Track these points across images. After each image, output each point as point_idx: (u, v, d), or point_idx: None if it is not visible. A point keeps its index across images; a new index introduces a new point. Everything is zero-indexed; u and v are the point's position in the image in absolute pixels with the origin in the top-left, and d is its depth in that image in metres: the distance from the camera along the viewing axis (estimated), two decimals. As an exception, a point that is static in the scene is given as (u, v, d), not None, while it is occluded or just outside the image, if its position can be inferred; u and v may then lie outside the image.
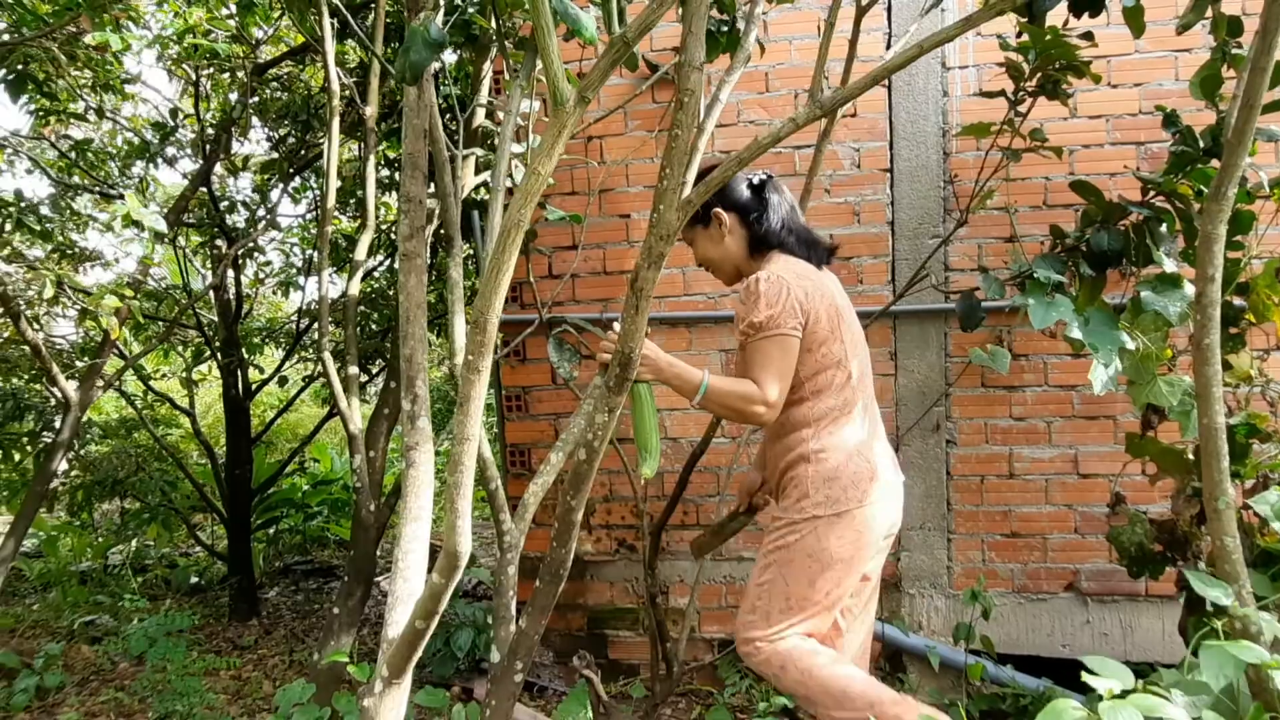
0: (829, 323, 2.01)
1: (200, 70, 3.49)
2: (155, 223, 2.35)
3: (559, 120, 1.08)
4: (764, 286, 1.94)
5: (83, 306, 3.40)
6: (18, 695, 3.18)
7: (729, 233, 2.12)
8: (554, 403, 3.50)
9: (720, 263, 2.18)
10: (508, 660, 1.45)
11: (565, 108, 1.07)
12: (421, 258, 1.25)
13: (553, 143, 1.04)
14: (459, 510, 1.04)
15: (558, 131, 1.06)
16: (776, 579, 2.01)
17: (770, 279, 1.96)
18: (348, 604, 2.71)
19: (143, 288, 2.85)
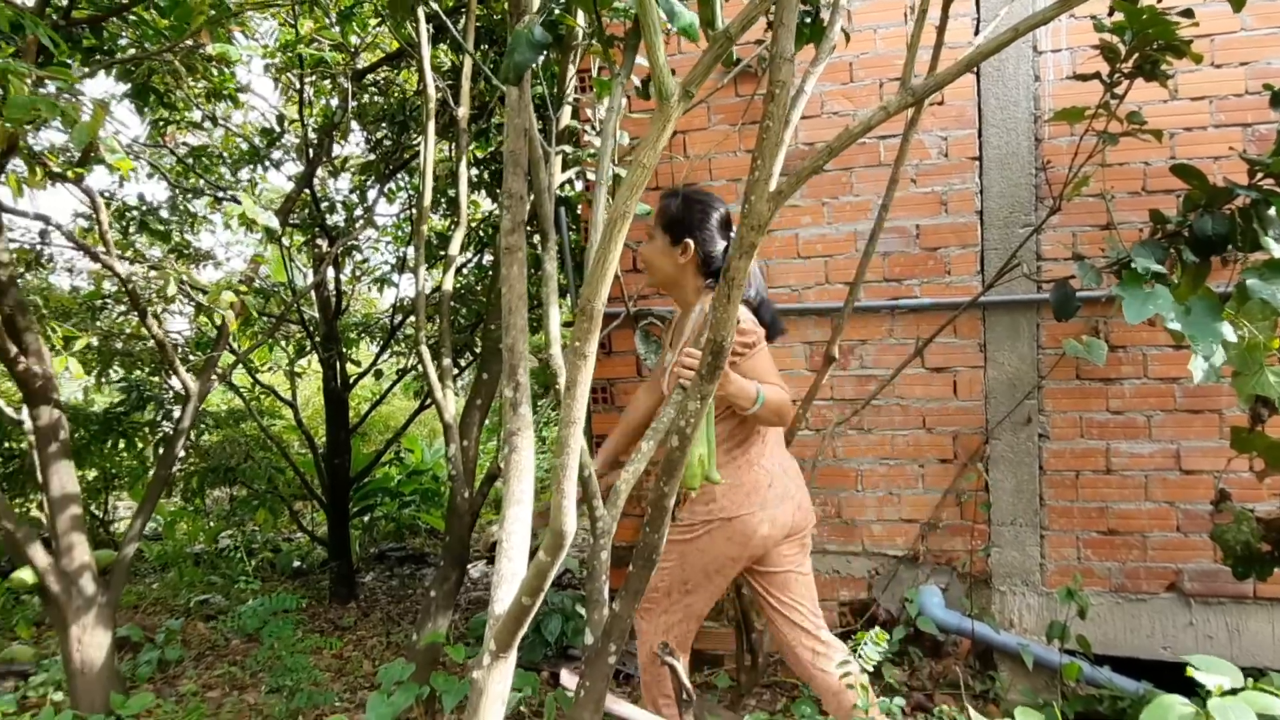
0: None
1: (304, 78, 3.67)
2: (269, 221, 2.50)
3: (663, 114, 1.12)
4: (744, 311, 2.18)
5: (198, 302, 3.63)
6: (142, 667, 3.42)
7: (687, 261, 2.27)
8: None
9: (657, 271, 2.35)
10: (601, 643, 1.50)
11: (670, 102, 1.11)
12: (523, 251, 1.31)
13: (657, 136, 1.08)
14: (565, 491, 1.09)
15: (662, 125, 1.10)
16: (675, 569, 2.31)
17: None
18: (443, 587, 2.82)
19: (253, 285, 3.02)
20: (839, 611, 3.37)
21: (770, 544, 2.26)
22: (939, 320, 3.13)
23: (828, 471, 3.36)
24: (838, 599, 3.38)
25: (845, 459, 3.37)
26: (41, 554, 2.82)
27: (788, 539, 2.32)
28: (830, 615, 3.36)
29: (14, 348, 2.79)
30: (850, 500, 3.36)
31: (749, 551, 2.25)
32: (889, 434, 3.33)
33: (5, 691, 3.19)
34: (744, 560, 2.27)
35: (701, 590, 2.32)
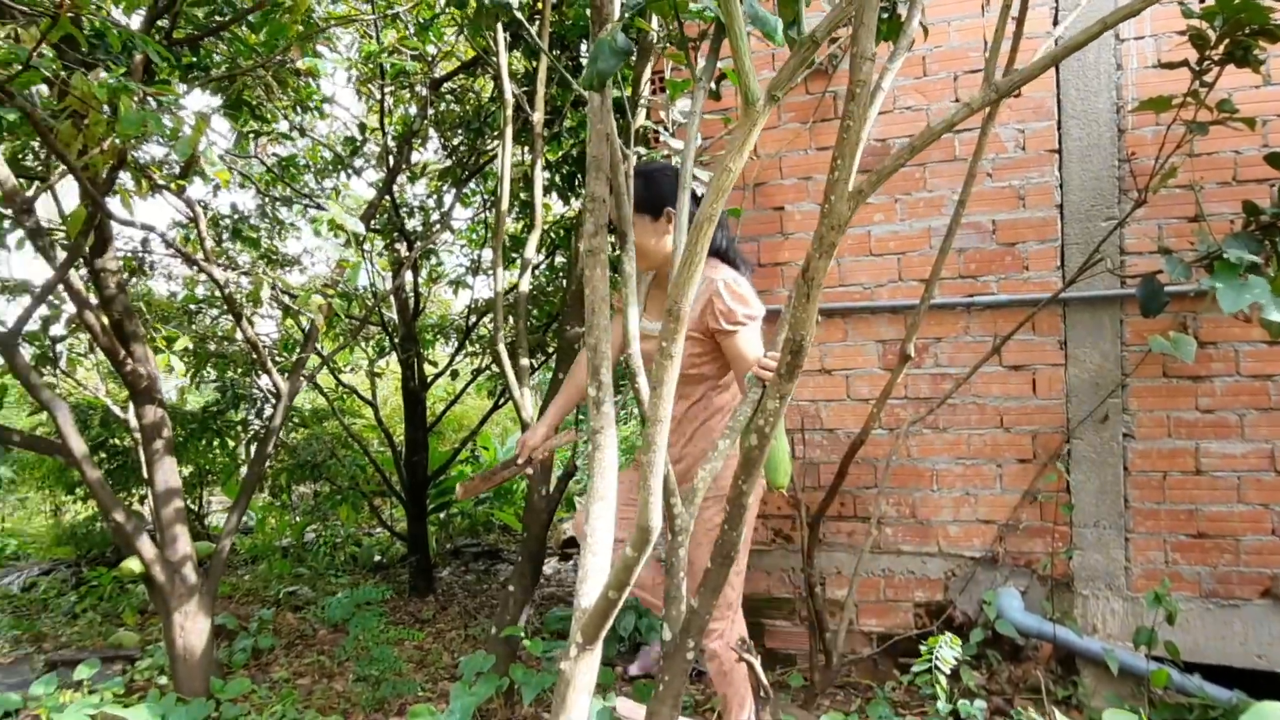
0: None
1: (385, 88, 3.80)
2: (355, 226, 2.61)
3: (749, 119, 1.14)
4: (745, 288, 2.27)
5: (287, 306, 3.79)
6: (237, 654, 3.59)
7: (671, 231, 2.28)
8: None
9: (652, 253, 2.35)
10: (680, 639, 1.53)
11: (756, 106, 1.13)
12: (605, 253, 1.35)
13: (743, 140, 1.10)
14: (652, 488, 1.13)
15: (749, 129, 1.12)
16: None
17: (738, 280, 2.29)
18: (521, 583, 2.90)
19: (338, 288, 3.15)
20: (914, 613, 3.34)
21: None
22: (1017, 317, 3.07)
23: (902, 471, 3.33)
24: (912, 600, 3.34)
25: (920, 458, 3.33)
26: (148, 545, 2.99)
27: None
28: (905, 617, 3.33)
29: (122, 350, 2.96)
30: (925, 500, 3.32)
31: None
32: (965, 433, 3.28)
33: (114, 674, 3.39)
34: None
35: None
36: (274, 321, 4.81)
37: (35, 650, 3.91)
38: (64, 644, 4.02)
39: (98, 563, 5.53)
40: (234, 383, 4.66)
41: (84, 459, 2.82)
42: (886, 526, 3.35)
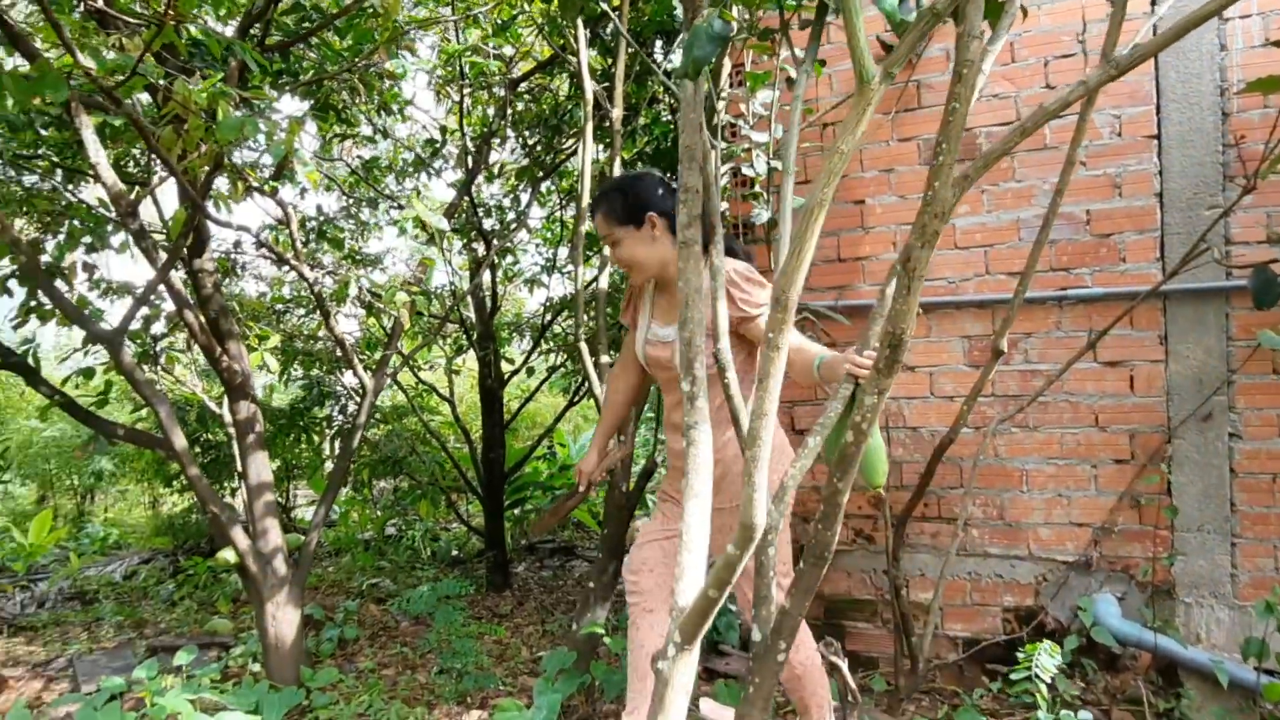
0: None
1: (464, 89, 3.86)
2: (440, 223, 2.66)
3: (864, 98, 1.10)
4: (755, 274, 2.23)
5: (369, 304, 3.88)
6: (325, 644, 3.69)
7: (659, 235, 2.28)
8: (789, 391, 3.52)
9: (646, 262, 2.32)
10: (771, 640, 1.50)
11: (871, 84, 1.10)
12: (698, 244, 1.33)
13: (857, 120, 1.07)
14: (756, 484, 1.11)
15: (863, 109, 1.09)
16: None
17: (747, 268, 2.25)
18: (601, 579, 2.90)
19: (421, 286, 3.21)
20: (1002, 618, 3.23)
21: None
22: (1112, 311, 2.95)
23: (989, 471, 3.22)
24: (1001, 605, 3.23)
25: (1009, 458, 3.22)
26: (242, 537, 3.10)
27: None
28: (992, 622, 3.23)
29: (218, 348, 3.07)
30: (1015, 502, 3.21)
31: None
32: (1057, 432, 3.16)
33: (210, 661, 3.52)
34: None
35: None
36: (356, 320, 4.94)
37: (137, 636, 4.09)
38: (163, 630, 4.20)
39: (193, 552, 5.76)
40: (319, 380, 4.80)
41: (184, 454, 2.94)
42: (973, 528, 3.25)
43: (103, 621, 4.36)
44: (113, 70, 2.13)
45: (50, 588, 5.11)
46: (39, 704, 3.20)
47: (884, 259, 3.40)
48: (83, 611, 4.64)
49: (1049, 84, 3.18)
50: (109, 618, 4.40)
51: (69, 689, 3.35)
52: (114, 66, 2.12)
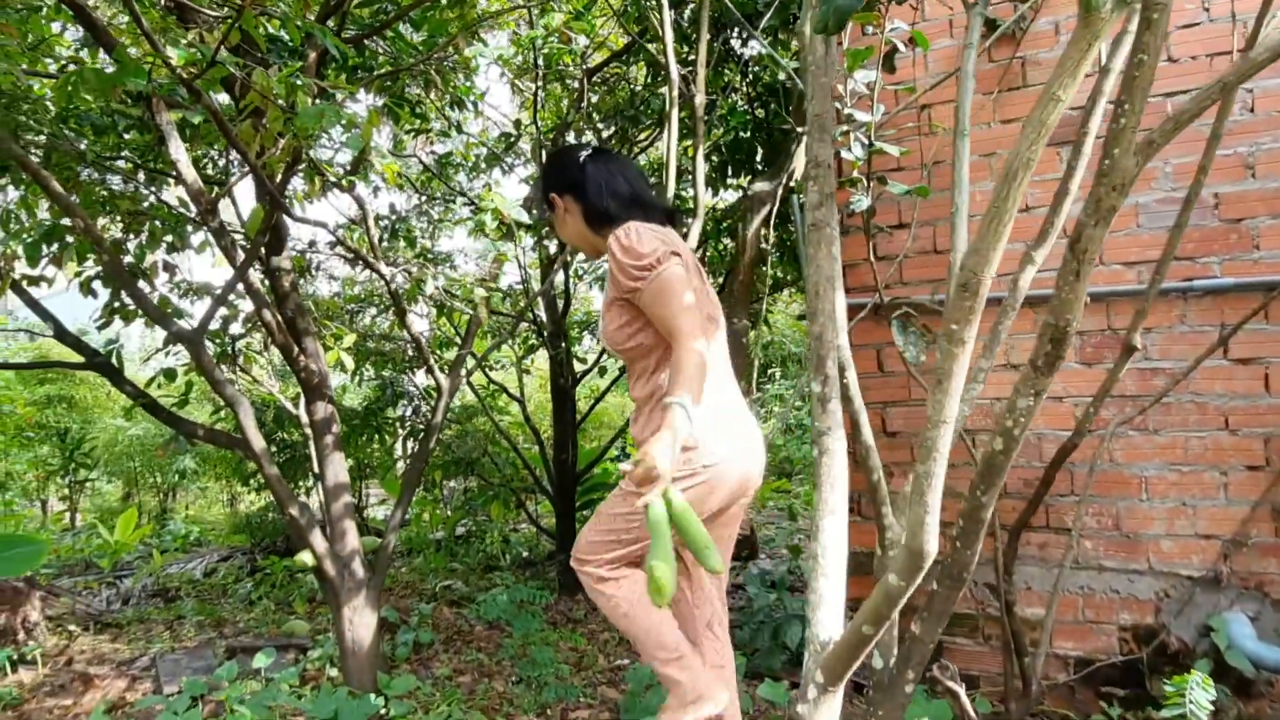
0: (692, 270, 1.97)
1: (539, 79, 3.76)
2: (519, 215, 2.55)
3: (1090, 30, 0.91)
4: (629, 238, 1.91)
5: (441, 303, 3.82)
6: (400, 647, 3.63)
7: (568, 213, 2.14)
8: (881, 391, 3.33)
9: (577, 241, 2.20)
10: (898, 669, 1.34)
11: (1100, 12, 0.90)
12: (831, 227, 1.18)
13: (1080, 58, 0.89)
14: (929, 504, 0.96)
15: (1087, 44, 0.88)
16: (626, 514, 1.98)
17: (627, 230, 1.94)
18: (688, 587, 2.76)
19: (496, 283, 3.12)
20: (1119, 637, 2.98)
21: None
22: (1244, 303, 2.69)
23: (1104, 478, 2.98)
24: (1117, 622, 2.98)
25: (1125, 464, 2.97)
26: (320, 539, 3.04)
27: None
28: (1107, 640, 2.98)
29: (295, 347, 3.03)
30: (1132, 511, 2.96)
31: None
32: (1181, 435, 2.90)
33: (288, 663, 3.49)
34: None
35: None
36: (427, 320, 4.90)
37: (217, 635, 4.10)
38: (242, 630, 4.21)
39: (270, 550, 5.81)
40: (393, 380, 4.77)
41: (263, 454, 2.89)
42: (1086, 539, 3.01)
43: (184, 620, 4.39)
44: (192, 62, 2.08)
45: (134, 585, 5.20)
46: (123, 704, 3.21)
47: (985, 250, 3.18)
48: (165, 609, 4.69)
49: (1171, 57, 2.93)
50: (190, 616, 4.43)
51: (152, 688, 3.36)
52: (193, 59, 2.07)
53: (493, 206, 2.58)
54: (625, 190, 2.10)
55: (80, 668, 3.64)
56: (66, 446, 7.22)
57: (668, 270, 1.85)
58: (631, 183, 2.12)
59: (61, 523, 7.81)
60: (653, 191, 2.18)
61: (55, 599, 4.70)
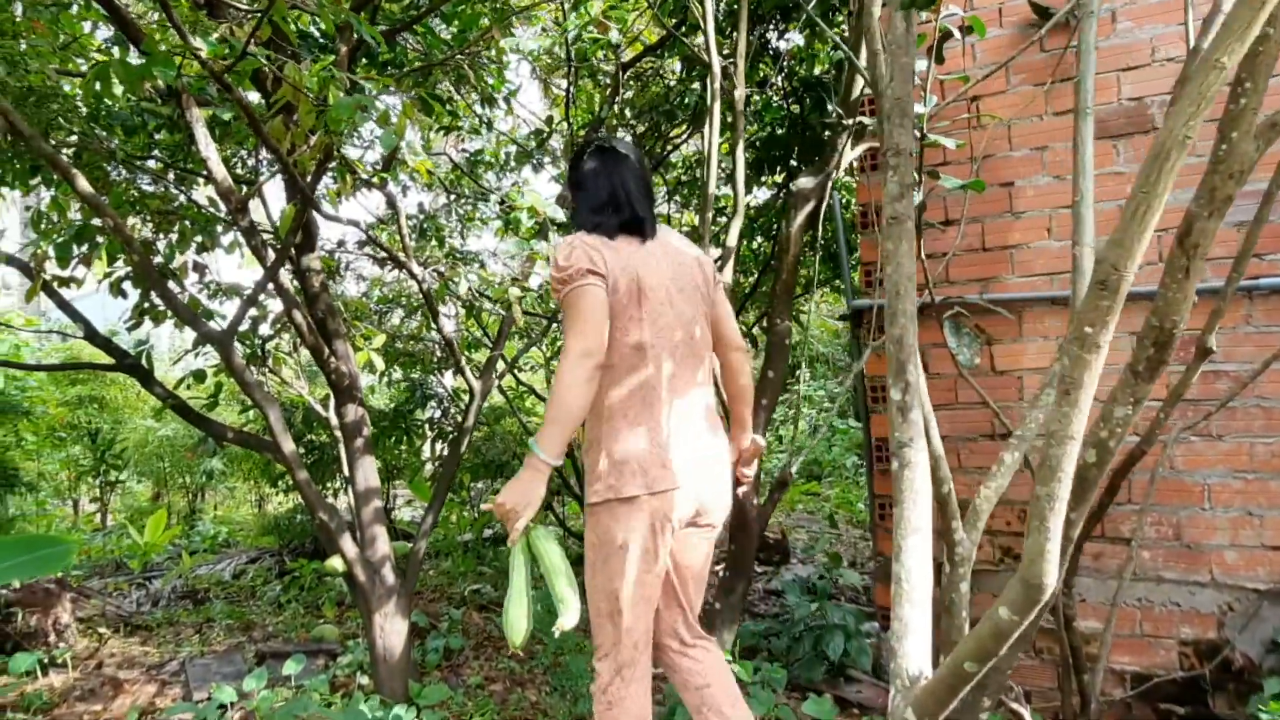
0: (625, 294, 1.93)
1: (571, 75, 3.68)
2: (554, 212, 2.47)
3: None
4: (562, 249, 1.95)
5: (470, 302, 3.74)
6: (430, 654, 3.56)
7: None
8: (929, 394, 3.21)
9: None
10: (973, 695, 1.24)
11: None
12: (912, 221, 1.08)
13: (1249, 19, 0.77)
14: (1049, 530, 0.85)
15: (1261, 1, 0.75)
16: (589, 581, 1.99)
17: (568, 240, 1.98)
18: (729, 599, 2.67)
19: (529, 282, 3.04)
20: (1179, 652, 2.85)
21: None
22: (1317, 303, 2.55)
23: (1165, 485, 2.85)
24: (1177, 636, 2.86)
25: (1186, 471, 2.85)
26: (350, 545, 2.98)
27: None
28: (1167, 655, 2.86)
29: (326, 349, 2.97)
30: (1194, 520, 2.83)
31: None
32: (1246, 441, 2.77)
33: (318, 669, 3.44)
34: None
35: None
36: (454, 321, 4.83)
37: (246, 639, 4.06)
38: (271, 634, 4.16)
39: (298, 553, 5.78)
40: (422, 381, 4.71)
41: (293, 458, 2.84)
42: (1144, 550, 2.89)
43: (214, 623, 4.36)
44: (221, 56, 2.02)
45: (164, 586, 5.18)
46: (152, 709, 3.17)
47: (1036, 247, 3.06)
48: (194, 611, 4.67)
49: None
50: (220, 620, 4.40)
51: (181, 694, 3.32)
52: (222, 52, 2.01)
53: (528, 204, 2.50)
54: (602, 195, 2.06)
55: (110, 672, 3.61)
56: (98, 447, 7.25)
57: (577, 289, 1.87)
58: (614, 187, 2.06)
59: (93, 523, 7.86)
60: (643, 195, 2.09)
61: (86, 600, 4.69)
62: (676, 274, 2.04)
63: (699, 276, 2.09)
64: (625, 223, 2.02)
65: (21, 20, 2.71)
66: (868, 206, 3.32)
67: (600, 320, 1.86)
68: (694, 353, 2.04)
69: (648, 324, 1.96)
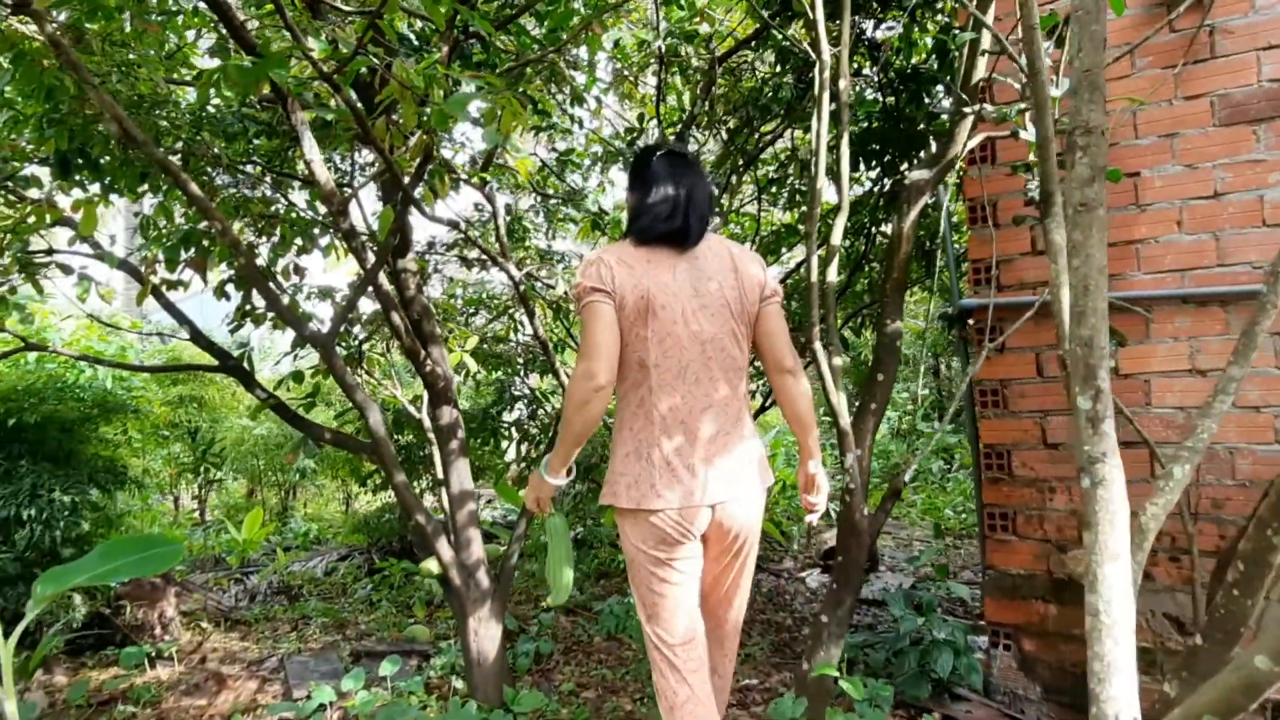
0: (633, 311, 1.95)
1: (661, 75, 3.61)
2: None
3: None
4: (579, 267, 2.04)
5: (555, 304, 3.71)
6: (520, 658, 3.53)
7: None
8: (1040, 398, 3.04)
9: None
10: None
11: None
12: (1104, 208, 0.97)
13: None
14: None
15: None
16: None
17: (592, 254, 2.05)
18: (836, 612, 2.55)
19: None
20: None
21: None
22: None
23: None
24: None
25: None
26: (446, 548, 2.97)
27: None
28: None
29: (422, 351, 2.96)
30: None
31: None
32: None
33: (411, 672, 3.45)
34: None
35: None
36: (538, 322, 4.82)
37: (341, 638, 4.12)
38: (364, 633, 4.21)
39: (386, 552, 5.86)
40: (509, 383, 4.71)
41: (392, 461, 2.84)
42: (1291, 568, 2.65)
43: (309, 621, 4.44)
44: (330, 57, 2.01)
45: (261, 582, 5.31)
46: (254, 706, 3.22)
47: (1165, 241, 2.86)
48: (290, 608, 4.76)
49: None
50: (315, 617, 4.47)
51: (281, 690, 3.37)
52: (329, 52, 2.00)
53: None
54: (655, 200, 2.05)
55: (213, 666, 3.69)
56: (198, 445, 7.51)
57: (585, 306, 1.94)
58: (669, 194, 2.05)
59: (192, 518, 8.14)
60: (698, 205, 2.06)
61: (189, 595, 4.84)
62: (701, 290, 2.02)
63: (735, 293, 2.04)
64: (669, 231, 2.02)
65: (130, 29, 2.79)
66: (976, 200, 3.16)
67: (605, 340, 1.91)
68: (712, 371, 2.02)
69: (654, 342, 1.97)
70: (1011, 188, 3.08)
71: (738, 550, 2.09)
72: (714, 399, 2.01)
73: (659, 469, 1.96)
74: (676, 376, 1.98)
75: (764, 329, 2.09)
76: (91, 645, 3.90)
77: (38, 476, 3.58)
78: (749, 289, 2.05)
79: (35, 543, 3.52)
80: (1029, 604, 3.00)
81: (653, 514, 1.95)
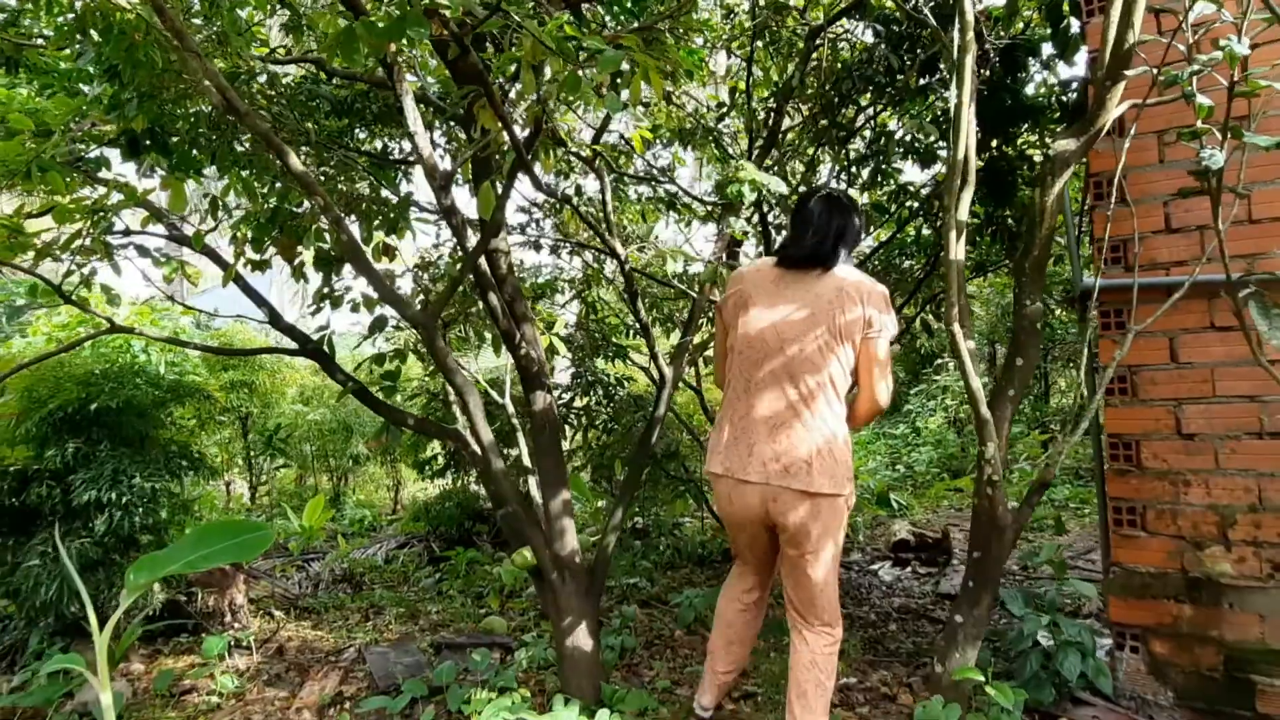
0: (731, 311, 2.47)
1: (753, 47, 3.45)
2: (778, 186, 2.26)
3: None
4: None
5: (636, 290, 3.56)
6: (606, 652, 3.41)
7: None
8: (1174, 385, 2.85)
9: None
10: None
11: None
12: None
13: None
14: None
15: None
16: None
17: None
18: (973, 612, 2.40)
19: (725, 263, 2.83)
20: None
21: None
22: None
23: None
24: None
25: None
26: (539, 538, 2.85)
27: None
28: None
29: (517, 333, 2.84)
30: None
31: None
32: None
33: (495, 665, 3.34)
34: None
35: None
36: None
37: (415, 629, 4.03)
38: (437, 623, 4.12)
39: (446, 540, 5.79)
40: (585, 369, 4.58)
41: (490, 447, 2.73)
42: None
43: (381, 610, 4.36)
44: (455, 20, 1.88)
45: (323, 569, 5.26)
46: (340, 698, 3.13)
47: (1321, 218, 2.65)
48: (356, 596, 4.69)
49: None
50: (389, 607, 4.39)
51: (364, 682, 3.28)
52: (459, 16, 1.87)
53: (749, 177, 2.29)
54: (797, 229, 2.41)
55: (291, 657, 3.62)
56: (258, 430, 7.49)
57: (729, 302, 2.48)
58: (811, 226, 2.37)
59: (243, 504, 8.15)
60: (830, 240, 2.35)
61: (256, 582, 4.78)
62: (796, 311, 2.32)
63: (831, 318, 2.27)
64: (799, 256, 2.35)
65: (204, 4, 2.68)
66: (1102, 175, 2.97)
67: (719, 337, 2.57)
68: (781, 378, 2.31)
69: (740, 345, 2.41)
70: (1144, 161, 2.89)
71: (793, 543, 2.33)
72: (783, 399, 2.30)
73: (730, 447, 2.38)
74: (749, 377, 2.36)
75: (862, 353, 2.31)
76: (163, 633, 3.85)
77: (118, 462, 3.51)
78: (849, 318, 2.27)
79: (115, 528, 3.45)
80: (1160, 604, 2.83)
81: (717, 478, 2.42)
